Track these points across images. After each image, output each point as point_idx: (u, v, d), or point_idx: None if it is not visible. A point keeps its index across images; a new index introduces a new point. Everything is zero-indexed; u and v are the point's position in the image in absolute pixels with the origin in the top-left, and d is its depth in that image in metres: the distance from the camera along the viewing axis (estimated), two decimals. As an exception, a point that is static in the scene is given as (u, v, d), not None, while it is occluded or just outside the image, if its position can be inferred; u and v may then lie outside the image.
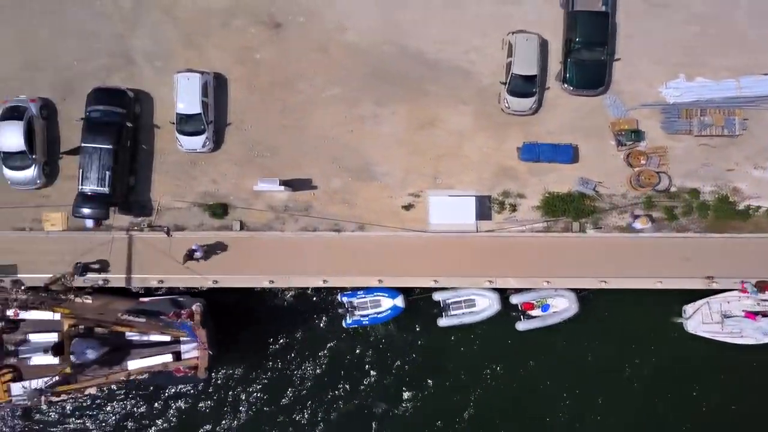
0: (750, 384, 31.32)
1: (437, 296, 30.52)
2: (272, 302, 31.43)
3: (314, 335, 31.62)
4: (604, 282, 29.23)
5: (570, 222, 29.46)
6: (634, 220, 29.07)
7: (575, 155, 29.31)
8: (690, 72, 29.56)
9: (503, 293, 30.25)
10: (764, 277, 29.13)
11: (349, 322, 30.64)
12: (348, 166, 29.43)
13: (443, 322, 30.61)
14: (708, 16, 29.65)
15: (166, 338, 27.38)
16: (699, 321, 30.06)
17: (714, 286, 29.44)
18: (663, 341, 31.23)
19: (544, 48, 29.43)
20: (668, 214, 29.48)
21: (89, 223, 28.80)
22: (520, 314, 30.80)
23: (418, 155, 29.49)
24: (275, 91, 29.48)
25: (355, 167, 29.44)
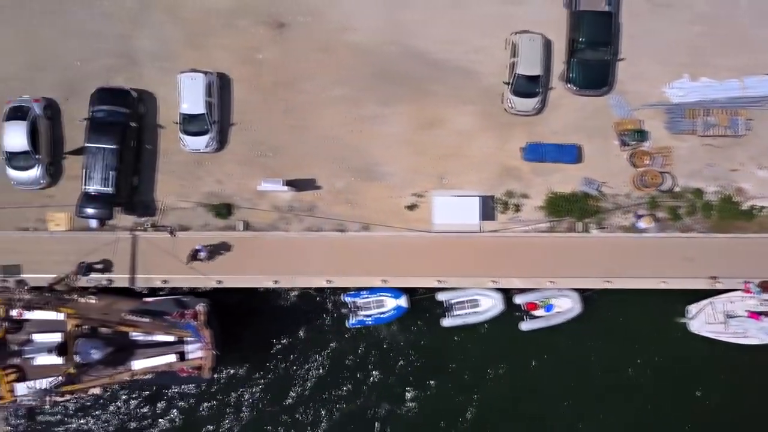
0: (753, 384, 31.35)
1: (441, 296, 30.52)
2: (276, 302, 31.46)
3: (318, 335, 31.65)
4: (608, 282, 29.24)
5: (574, 222, 29.47)
6: (638, 220, 29.07)
7: (579, 155, 29.33)
8: (694, 72, 29.57)
9: (507, 293, 30.28)
10: (768, 277, 29.21)
11: (353, 323, 30.67)
12: (352, 167, 29.43)
13: (447, 323, 30.62)
14: (712, 16, 29.65)
15: (171, 338, 27.37)
16: (703, 321, 30.09)
17: (718, 287, 29.43)
18: (666, 341, 31.24)
19: (548, 48, 29.40)
20: (672, 214, 29.48)
21: (93, 223, 28.86)
22: (524, 314, 30.84)
23: (422, 155, 29.49)
24: (279, 91, 29.47)
25: (359, 167, 29.44)
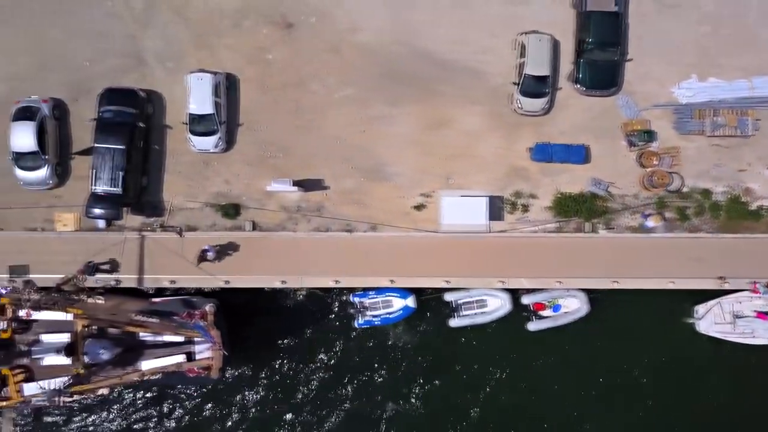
0: (761, 384, 31.35)
1: (448, 296, 30.50)
2: (283, 303, 31.45)
3: (325, 336, 31.65)
4: (616, 282, 29.25)
5: (582, 222, 29.46)
6: (646, 218, 29.04)
7: (587, 156, 29.32)
8: (702, 72, 29.55)
9: (514, 293, 30.27)
10: (776, 278, 29.18)
11: (361, 323, 30.67)
12: (360, 167, 29.43)
13: (455, 323, 30.62)
14: (720, 16, 29.63)
15: (179, 339, 27.37)
16: (711, 321, 30.14)
17: (725, 287, 29.47)
18: (674, 342, 31.25)
19: (556, 48, 29.38)
20: (680, 215, 29.47)
21: (101, 224, 28.89)
22: (531, 314, 30.85)
23: (430, 156, 29.48)
24: (287, 92, 29.46)
25: (367, 168, 29.44)
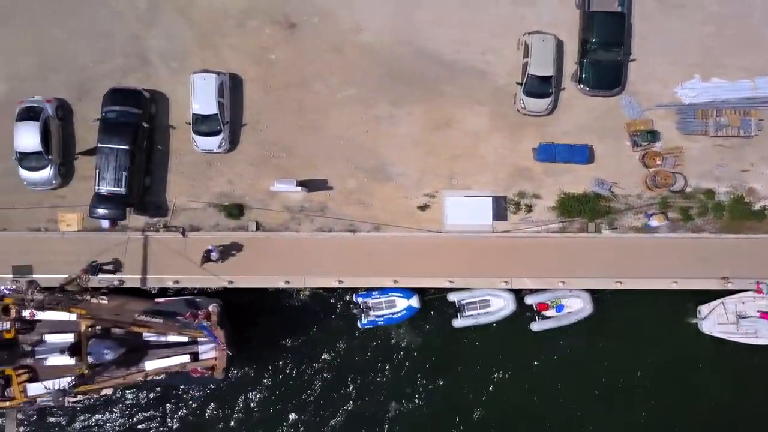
0: (765, 384, 31.36)
1: (452, 297, 30.50)
2: (287, 303, 31.44)
3: (329, 336, 31.65)
4: (620, 282, 29.27)
5: (585, 223, 29.46)
6: (650, 218, 29.04)
7: (591, 156, 29.30)
8: (705, 72, 29.54)
9: (518, 294, 30.28)
10: (780, 278, 29.20)
11: (364, 323, 30.67)
12: (364, 167, 29.43)
13: (458, 323, 30.62)
14: (723, 17, 29.61)
15: (183, 339, 27.37)
16: (714, 321, 30.11)
17: (729, 287, 29.47)
18: (677, 342, 31.25)
19: (560, 48, 29.38)
20: (683, 215, 29.48)
21: (105, 224, 28.85)
22: (535, 315, 30.86)
23: (434, 156, 29.48)
24: (291, 92, 29.45)
25: (371, 168, 29.44)
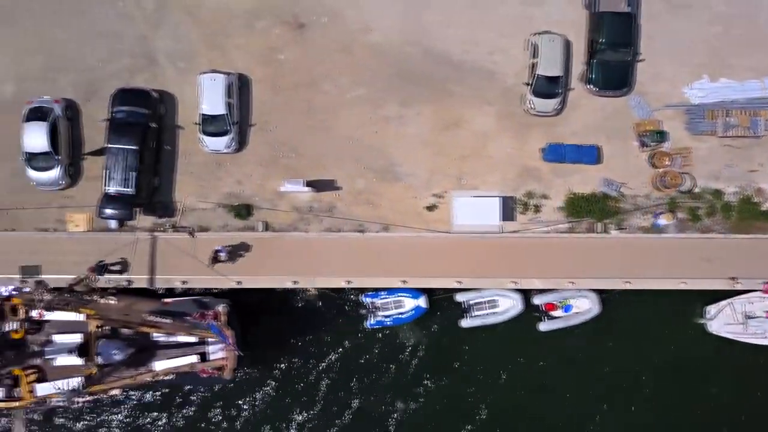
0: (773, 385, 31.46)
1: (460, 297, 30.52)
2: (295, 303, 31.44)
3: (337, 336, 31.66)
4: (628, 282, 29.25)
5: (594, 223, 29.45)
6: (658, 217, 29.01)
7: (599, 156, 29.31)
8: (714, 73, 29.56)
9: (525, 294, 30.28)
10: (788, 278, 29.19)
11: (372, 323, 30.70)
12: (372, 167, 29.43)
13: (466, 323, 30.63)
14: (731, 17, 29.63)
15: (192, 339, 27.36)
16: (722, 322, 30.15)
17: (737, 287, 29.44)
18: (686, 342, 31.23)
19: (568, 49, 29.37)
20: (692, 215, 29.48)
21: (113, 224, 28.85)
22: (543, 315, 30.87)
23: (443, 156, 29.50)
24: (299, 92, 29.45)
25: (380, 168, 29.44)
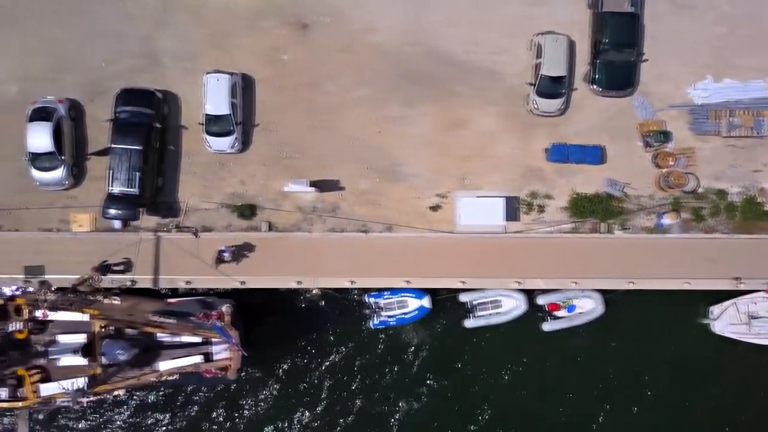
0: (776, 385, 31.44)
1: (463, 297, 30.51)
2: (298, 303, 31.43)
3: (340, 336, 31.65)
4: (632, 283, 29.25)
5: (597, 223, 29.44)
6: (662, 216, 28.98)
7: (603, 156, 29.29)
8: (717, 73, 29.53)
9: (529, 294, 30.27)
10: (792, 278, 29.18)
11: (376, 323, 30.70)
12: (376, 167, 29.42)
13: (470, 323, 30.63)
14: (735, 17, 29.58)
15: (197, 339, 27.35)
16: (726, 322, 30.12)
17: (741, 287, 29.42)
18: (689, 342, 31.20)
19: (572, 49, 29.34)
20: (695, 215, 29.46)
21: (117, 224, 28.90)
22: (546, 315, 30.86)
23: (446, 156, 29.48)
24: (303, 92, 29.45)
25: (383, 168, 29.43)
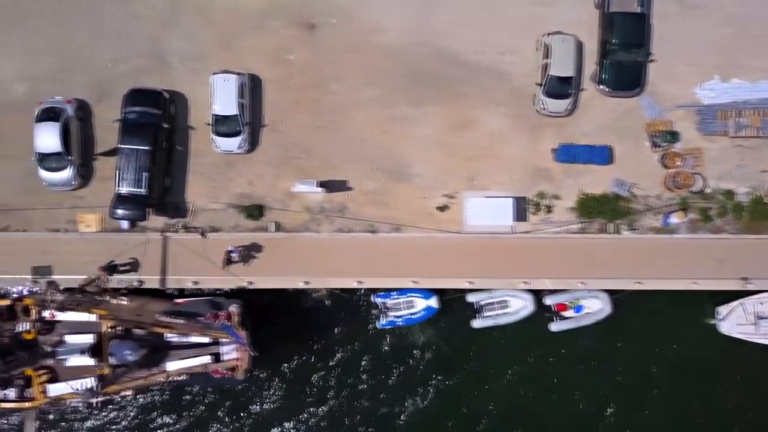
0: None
1: (471, 297, 30.51)
2: (306, 303, 31.44)
3: (348, 336, 31.69)
4: (639, 283, 29.24)
5: (605, 223, 29.44)
6: (670, 215, 28.96)
7: (611, 156, 29.29)
8: (725, 73, 29.53)
9: (537, 294, 30.27)
10: (799, 278, 29.19)
11: (384, 323, 30.70)
12: (383, 168, 29.42)
13: (477, 324, 30.63)
14: (742, 17, 29.57)
15: (205, 339, 27.34)
16: (733, 322, 30.13)
17: (748, 287, 29.44)
18: (696, 342, 31.24)
19: (580, 49, 29.35)
20: (703, 216, 29.45)
21: (125, 225, 28.88)
22: (554, 315, 30.87)
23: (454, 156, 29.47)
24: (310, 93, 29.45)
25: (391, 168, 29.43)
